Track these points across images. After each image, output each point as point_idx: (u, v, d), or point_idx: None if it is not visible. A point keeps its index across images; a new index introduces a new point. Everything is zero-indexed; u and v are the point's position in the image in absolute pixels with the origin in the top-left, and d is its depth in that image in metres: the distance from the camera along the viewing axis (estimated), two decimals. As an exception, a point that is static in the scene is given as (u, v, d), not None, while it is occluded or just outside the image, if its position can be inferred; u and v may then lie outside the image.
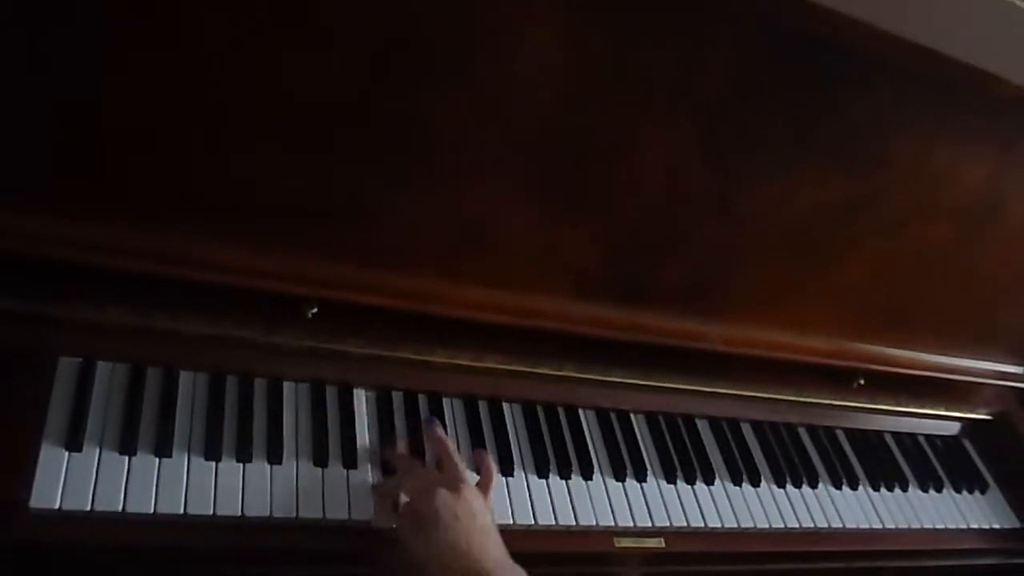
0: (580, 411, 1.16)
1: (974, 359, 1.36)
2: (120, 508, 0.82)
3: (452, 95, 0.84)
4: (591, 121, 0.90)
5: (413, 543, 0.85)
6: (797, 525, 1.17)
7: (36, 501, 0.79)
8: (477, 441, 1.05)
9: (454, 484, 0.90)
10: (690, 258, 1.07)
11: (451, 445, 0.98)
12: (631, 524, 1.06)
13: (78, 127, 0.78)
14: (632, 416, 1.19)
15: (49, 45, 0.73)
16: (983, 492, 1.39)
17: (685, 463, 1.16)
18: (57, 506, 0.80)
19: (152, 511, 0.83)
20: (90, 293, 0.87)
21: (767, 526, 1.15)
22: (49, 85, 0.75)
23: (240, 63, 0.77)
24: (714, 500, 1.14)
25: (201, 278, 0.88)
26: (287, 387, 1.00)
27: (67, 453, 0.84)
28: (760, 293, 1.14)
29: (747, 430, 1.27)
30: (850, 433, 1.36)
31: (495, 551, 0.85)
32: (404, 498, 0.92)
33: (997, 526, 1.35)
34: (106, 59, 0.75)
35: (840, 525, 1.21)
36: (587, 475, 1.09)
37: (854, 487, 1.27)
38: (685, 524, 1.09)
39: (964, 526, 1.32)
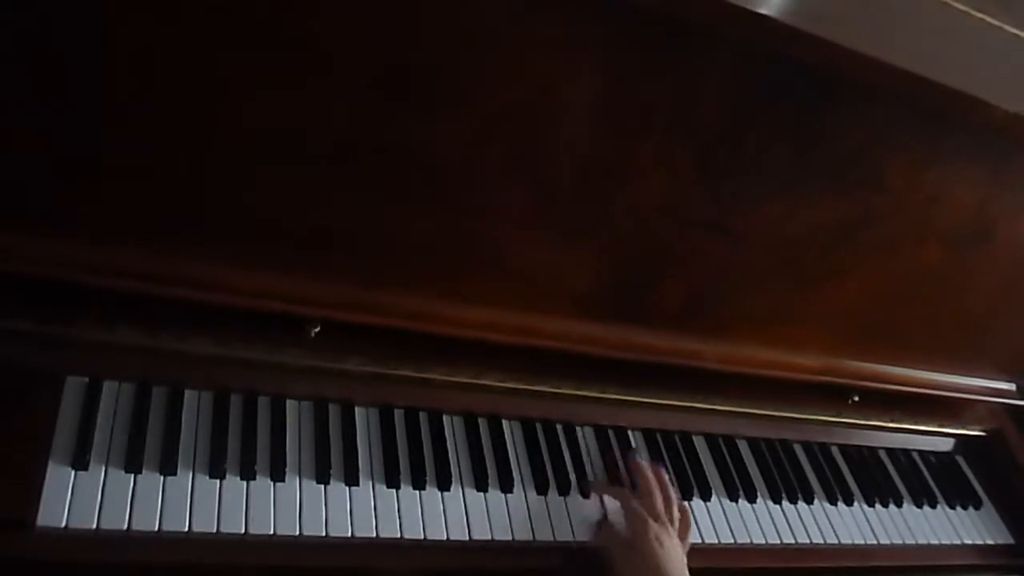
0: (578, 428, 1.18)
1: (967, 376, 1.37)
2: (125, 526, 0.83)
3: (453, 119, 0.86)
4: (591, 145, 0.92)
5: (624, 566, 0.98)
6: (793, 541, 1.19)
7: (43, 519, 0.81)
8: (477, 458, 1.07)
9: (664, 521, 1.03)
10: (687, 278, 1.08)
11: (673, 491, 1.10)
12: (629, 540, 1.08)
13: (86, 152, 0.80)
14: (629, 433, 1.21)
15: (58, 72, 0.74)
16: (977, 508, 1.40)
17: (682, 479, 1.18)
18: (63, 524, 0.81)
19: (157, 529, 0.84)
20: (97, 313, 0.88)
21: (763, 542, 1.17)
22: (59, 110, 0.77)
23: (243, 89, 0.79)
24: (710, 516, 1.16)
25: (206, 299, 0.89)
26: (290, 405, 1.01)
27: (73, 472, 0.85)
28: (756, 312, 1.16)
29: (743, 446, 1.29)
30: (845, 449, 1.37)
31: None
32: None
33: (991, 542, 1.36)
34: (115, 85, 0.76)
35: (835, 541, 1.22)
36: (585, 492, 1.10)
37: (849, 503, 1.28)
38: (683, 540, 1.11)
39: (958, 542, 1.33)
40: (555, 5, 0.79)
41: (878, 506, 1.31)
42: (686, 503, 1.14)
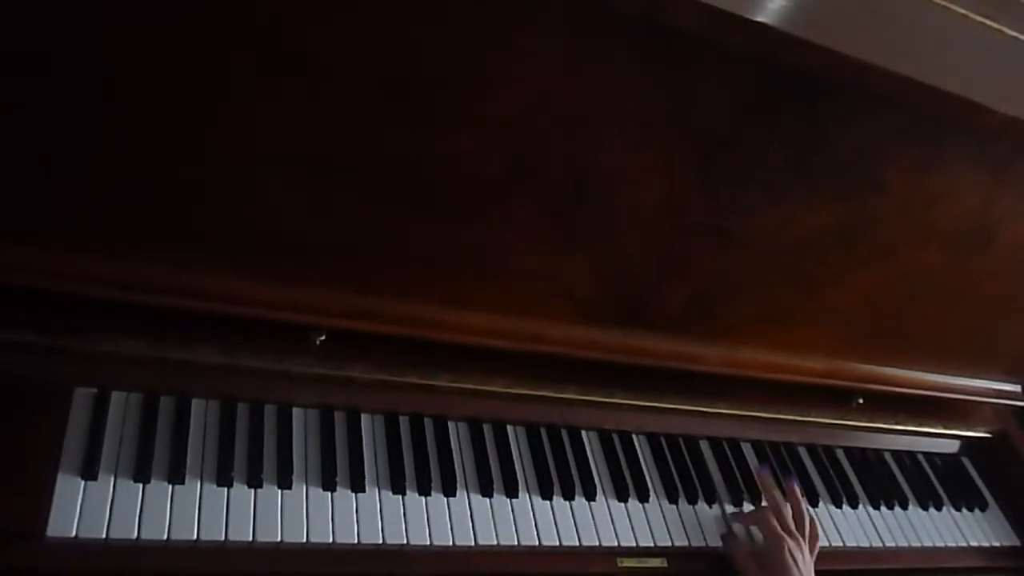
0: (583, 433, 1.18)
1: (972, 378, 1.37)
2: (135, 536, 0.84)
3: (453, 128, 0.87)
4: (591, 151, 0.92)
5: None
6: (798, 544, 1.19)
7: (53, 530, 0.82)
8: (482, 463, 1.07)
9: (797, 536, 1.09)
10: (689, 283, 1.09)
11: (804, 503, 1.16)
12: (634, 544, 1.08)
13: (89, 164, 0.80)
14: (634, 437, 1.21)
15: (60, 85, 0.75)
16: (983, 510, 1.40)
17: (687, 483, 1.18)
18: (73, 534, 0.82)
19: (165, 538, 0.85)
20: (105, 325, 0.89)
21: (768, 545, 1.17)
22: (63, 122, 0.78)
23: (246, 100, 0.80)
24: (715, 520, 1.16)
25: (212, 309, 0.90)
26: (296, 413, 1.02)
27: (83, 482, 0.86)
28: (758, 316, 1.16)
29: (748, 450, 1.29)
30: (849, 452, 1.37)
31: None
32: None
33: (997, 544, 1.36)
34: (117, 96, 0.77)
35: (840, 544, 1.22)
36: (590, 496, 1.10)
37: (854, 506, 1.28)
38: (687, 544, 1.11)
39: (964, 544, 1.33)
40: (554, 14, 0.80)
41: (883, 508, 1.31)
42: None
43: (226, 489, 0.91)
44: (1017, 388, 1.41)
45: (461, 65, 0.82)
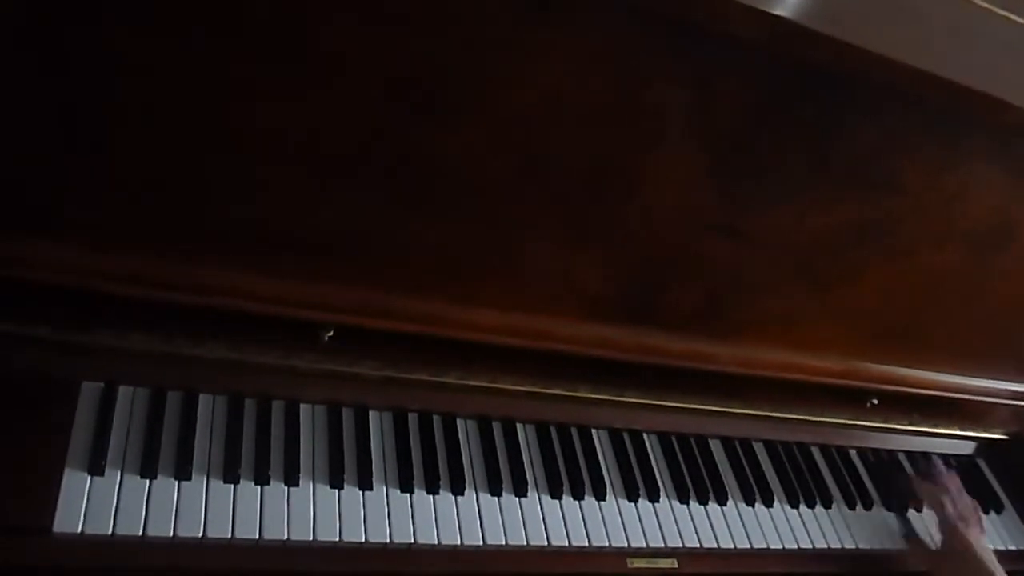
0: (593, 432, 1.17)
1: (988, 379, 1.35)
2: (141, 532, 0.84)
3: (465, 125, 0.86)
4: (604, 150, 0.91)
5: (953, 564, 1.17)
6: (810, 546, 1.18)
7: (59, 525, 0.81)
8: (491, 462, 1.06)
9: (971, 523, 1.21)
10: (702, 281, 1.08)
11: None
12: (644, 545, 1.07)
13: (101, 160, 0.80)
14: (645, 436, 1.20)
15: (71, 83, 0.75)
16: (999, 512, 1.39)
17: (698, 483, 1.17)
18: (79, 530, 0.82)
19: (172, 535, 0.85)
20: (113, 320, 0.89)
21: (780, 547, 1.16)
22: (74, 119, 0.77)
23: (258, 99, 0.79)
24: (727, 520, 1.15)
25: (220, 305, 0.90)
26: (304, 409, 1.01)
27: (89, 477, 0.86)
28: (772, 315, 1.15)
29: (760, 450, 1.28)
30: (863, 453, 1.36)
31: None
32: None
33: (1013, 547, 1.34)
34: (130, 93, 0.76)
35: (853, 545, 1.21)
36: (600, 496, 1.10)
37: (868, 507, 1.27)
38: (698, 545, 1.10)
39: (980, 546, 1.31)
40: (566, 10, 0.79)
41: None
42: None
43: (233, 486, 0.91)
44: (1034, 390, 1.39)
45: (474, 63, 0.81)
